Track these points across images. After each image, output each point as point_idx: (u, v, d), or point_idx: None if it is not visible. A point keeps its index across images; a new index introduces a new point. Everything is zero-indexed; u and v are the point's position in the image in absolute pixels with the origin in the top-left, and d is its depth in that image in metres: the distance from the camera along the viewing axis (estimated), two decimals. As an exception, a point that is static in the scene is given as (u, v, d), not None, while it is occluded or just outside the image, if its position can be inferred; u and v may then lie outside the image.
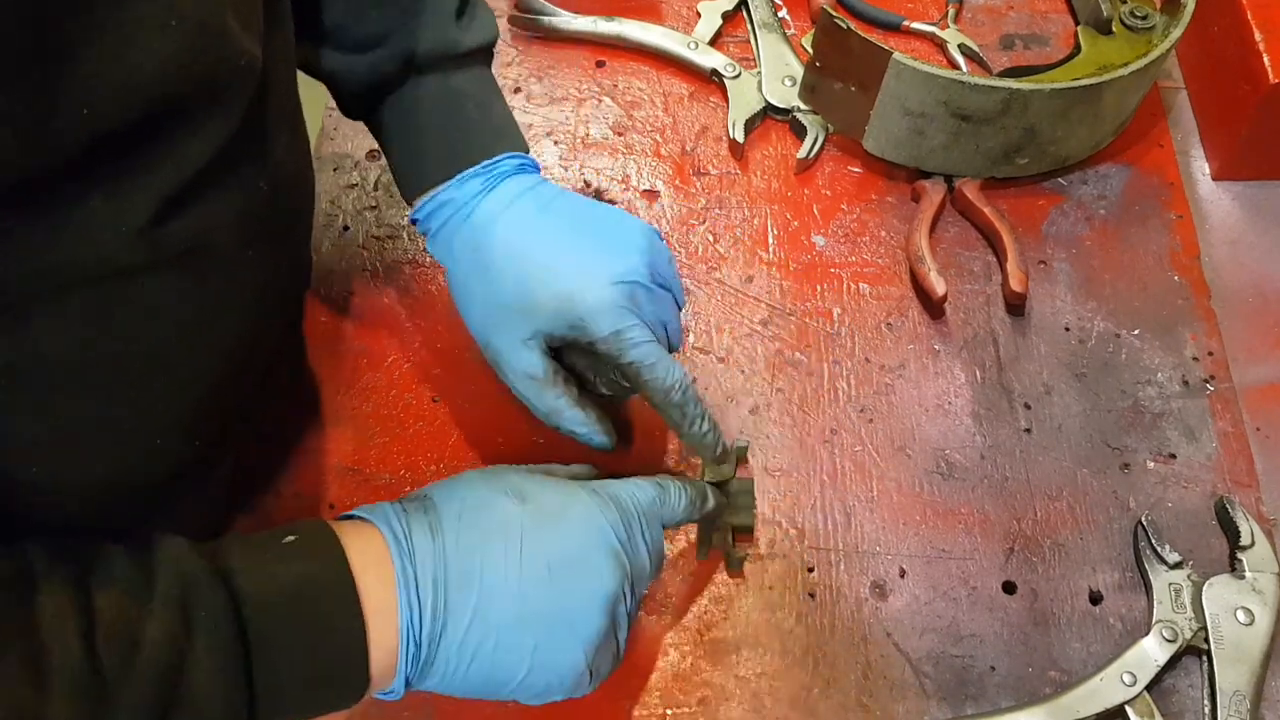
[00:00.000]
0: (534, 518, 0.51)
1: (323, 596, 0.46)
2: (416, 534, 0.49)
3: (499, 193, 0.60)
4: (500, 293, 0.59)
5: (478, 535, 0.50)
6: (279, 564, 0.46)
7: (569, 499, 0.53)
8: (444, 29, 0.60)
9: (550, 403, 0.61)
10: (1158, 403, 0.73)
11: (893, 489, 0.70)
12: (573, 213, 0.61)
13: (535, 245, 0.59)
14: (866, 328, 0.76)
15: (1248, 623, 0.63)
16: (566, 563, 0.50)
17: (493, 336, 0.60)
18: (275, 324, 0.63)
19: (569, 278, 0.58)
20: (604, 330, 0.57)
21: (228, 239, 0.48)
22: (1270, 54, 0.78)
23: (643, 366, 0.58)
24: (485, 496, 0.52)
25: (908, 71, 0.75)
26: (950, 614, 0.66)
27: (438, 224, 0.61)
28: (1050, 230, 0.81)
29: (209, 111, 0.44)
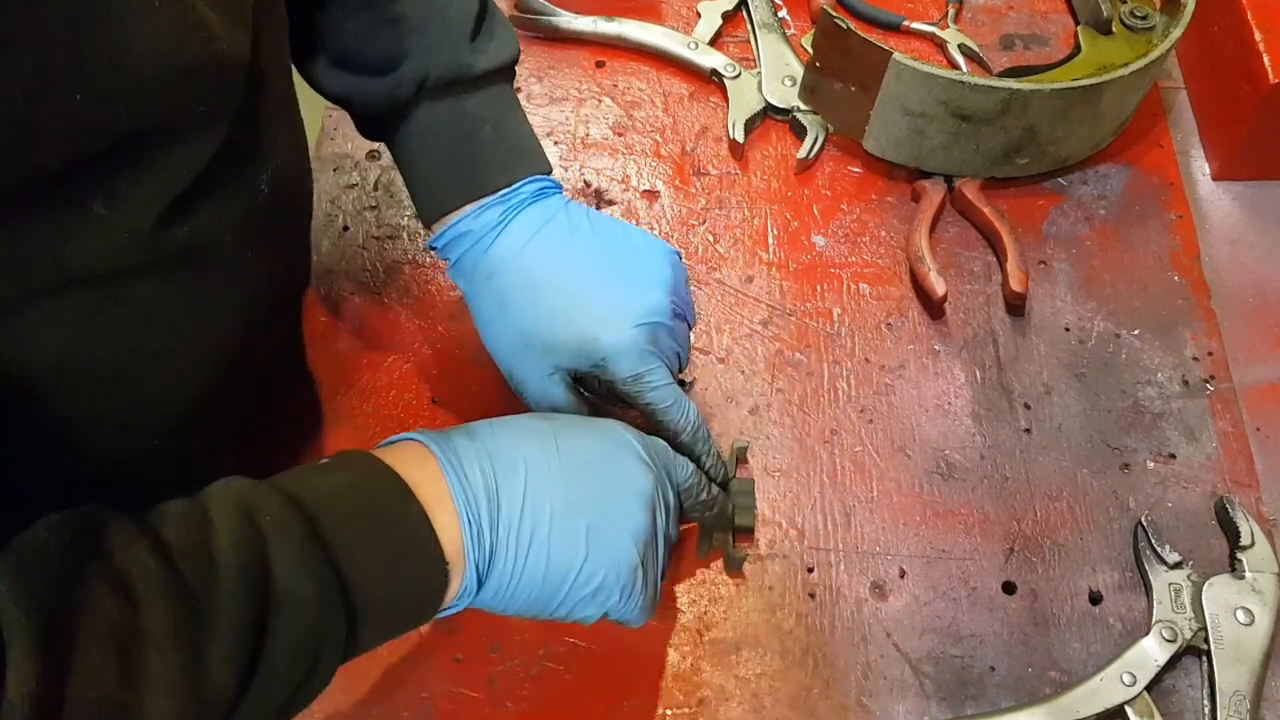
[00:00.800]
0: (564, 424, 0.52)
1: (376, 492, 0.46)
2: (455, 436, 0.49)
3: (518, 224, 0.59)
4: (522, 328, 0.59)
5: (513, 435, 0.50)
6: (323, 475, 0.46)
7: (590, 419, 0.55)
8: (457, 52, 0.58)
9: None
10: (1158, 403, 0.73)
11: (893, 489, 0.70)
12: (594, 243, 0.60)
13: (557, 282, 0.59)
14: (866, 328, 0.76)
15: (1248, 623, 0.63)
16: (602, 458, 0.51)
17: (515, 368, 0.60)
18: (273, 324, 0.63)
19: (592, 318, 0.58)
20: (625, 373, 0.58)
21: (228, 240, 0.48)
22: (1270, 54, 0.78)
23: (659, 409, 0.59)
24: (510, 417, 0.52)
25: (908, 71, 0.75)
26: (950, 614, 0.66)
27: (456, 254, 0.61)
28: (1050, 230, 0.81)
29: (200, 110, 0.44)
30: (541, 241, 0.59)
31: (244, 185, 0.49)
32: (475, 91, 0.60)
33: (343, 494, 0.46)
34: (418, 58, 0.58)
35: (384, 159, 0.84)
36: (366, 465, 0.48)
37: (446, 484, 0.47)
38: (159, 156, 0.42)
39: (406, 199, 0.82)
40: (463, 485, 0.47)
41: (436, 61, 0.58)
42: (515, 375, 0.61)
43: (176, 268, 0.46)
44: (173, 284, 0.46)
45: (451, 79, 0.58)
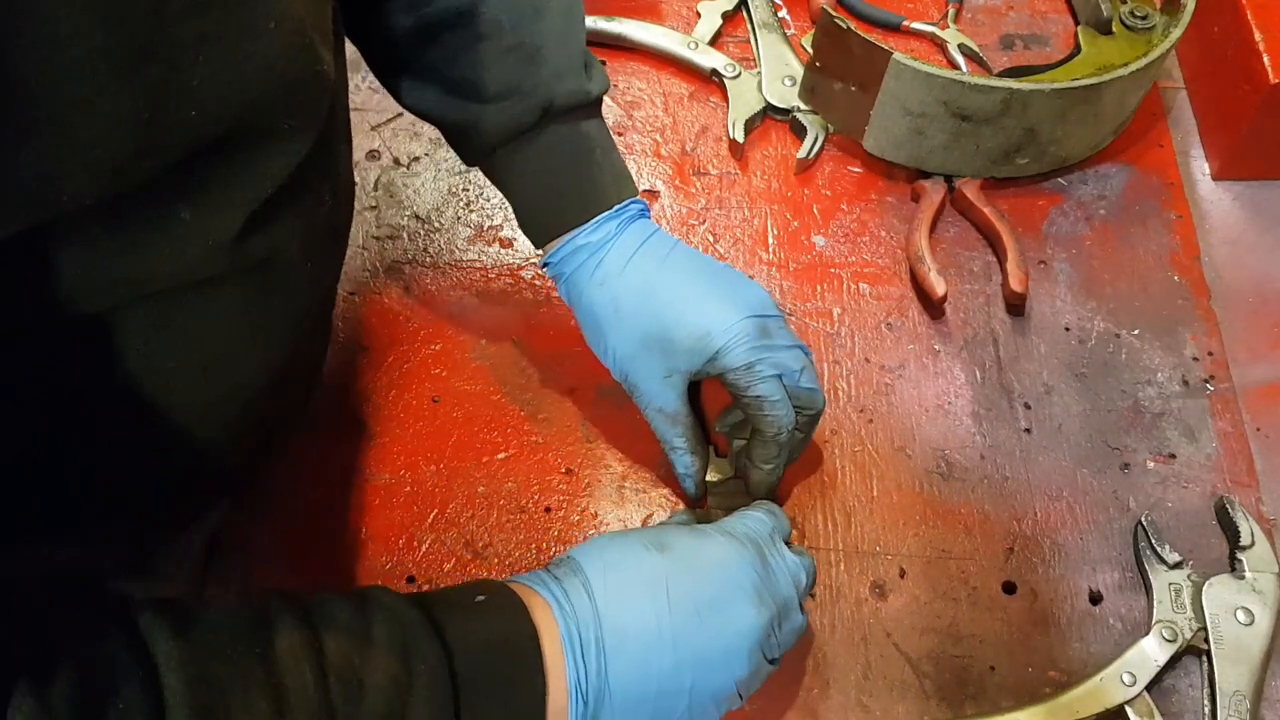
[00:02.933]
0: (676, 564, 0.52)
1: (516, 653, 0.48)
2: (574, 596, 0.50)
3: (629, 235, 0.63)
4: (639, 332, 0.61)
5: (627, 590, 0.51)
6: (478, 620, 0.48)
7: (705, 543, 0.54)
8: (577, 79, 0.61)
9: (672, 439, 0.65)
10: (1158, 403, 0.73)
11: (893, 489, 0.70)
12: (692, 257, 0.64)
13: (668, 286, 0.62)
14: (866, 328, 0.76)
15: (1248, 623, 0.63)
16: (712, 605, 0.52)
17: (631, 372, 0.63)
18: (318, 334, 0.64)
19: (705, 315, 0.61)
20: (736, 363, 0.60)
21: (294, 250, 0.49)
22: (1270, 54, 0.78)
23: (766, 401, 0.61)
24: (626, 550, 0.53)
25: (908, 71, 0.75)
26: (950, 614, 0.66)
27: (572, 267, 0.63)
28: (1050, 230, 0.81)
29: (295, 123, 0.45)
30: (648, 252, 0.62)
31: (313, 198, 0.50)
32: (588, 118, 0.63)
33: (489, 651, 0.48)
34: (542, 85, 0.60)
35: (384, 159, 0.84)
36: (516, 615, 0.49)
37: (563, 654, 0.49)
38: (247, 168, 0.43)
39: (406, 199, 0.83)
40: (575, 662, 0.49)
41: (560, 88, 0.60)
42: (631, 379, 0.63)
43: (247, 278, 0.47)
44: (240, 294, 0.47)
45: (574, 105, 0.61)
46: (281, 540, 0.68)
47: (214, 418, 0.50)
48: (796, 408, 0.62)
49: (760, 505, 0.60)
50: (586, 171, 0.63)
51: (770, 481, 0.66)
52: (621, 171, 0.65)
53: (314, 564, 0.67)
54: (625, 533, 0.56)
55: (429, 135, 0.86)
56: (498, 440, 0.72)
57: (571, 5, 0.62)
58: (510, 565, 0.67)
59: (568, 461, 0.71)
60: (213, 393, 0.49)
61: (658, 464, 0.71)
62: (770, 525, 0.58)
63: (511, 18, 0.59)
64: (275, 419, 0.59)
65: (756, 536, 0.56)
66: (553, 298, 0.78)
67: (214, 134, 0.40)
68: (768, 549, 0.55)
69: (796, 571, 0.56)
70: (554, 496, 0.70)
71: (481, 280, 0.79)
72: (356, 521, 0.69)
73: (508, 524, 0.69)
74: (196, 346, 0.46)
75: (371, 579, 0.67)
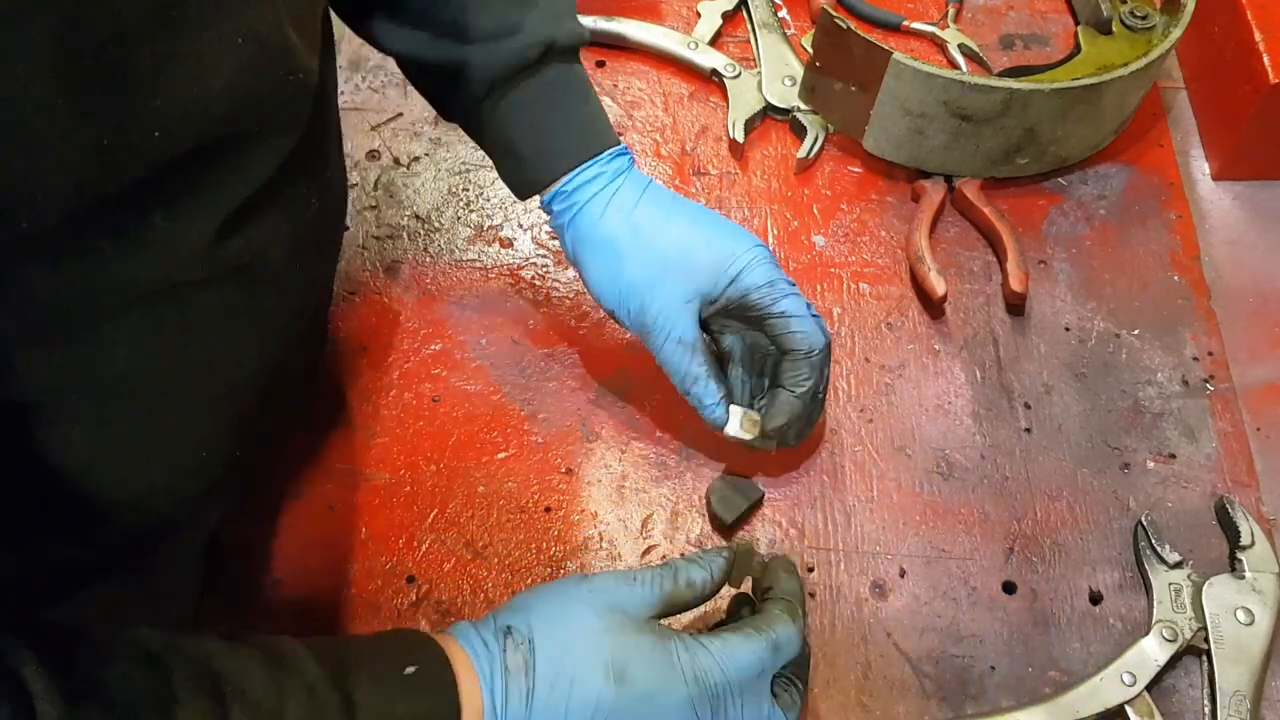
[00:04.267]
0: (627, 705, 0.50)
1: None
2: (512, 702, 0.49)
3: (634, 173, 0.65)
4: (660, 254, 0.63)
5: (564, 715, 0.49)
6: (401, 701, 0.47)
7: (666, 690, 0.51)
8: (572, 21, 0.62)
9: (693, 369, 0.64)
10: (1158, 403, 0.73)
11: (893, 489, 0.70)
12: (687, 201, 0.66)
13: (687, 213, 0.64)
14: (866, 328, 0.76)
15: (1248, 623, 0.63)
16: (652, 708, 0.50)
17: (650, 300, 0.63)
18: (311, 333, 0.64)
19: (724, 240, 0.63)
20: (760, 280, 0.62)
21: (279, 253, 0.49)
22: (1270, 54, 0.78)
23: (792, 318, 0.63)
24: (585, 668, 0.50)
25: (908, 71, 0.75)
26: (950, 614, 0.66)
27: (586, 197, 0.63)
28: (1050, 230, 0.81)
29: (270, 130, 0.45)
30: (655, 188, 0.65)
31: (296, 199, 0.50)
32: (579, 60, 0.64)
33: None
34: (540, 24, 0.60)
35: (384, 159, 0.84)
36: (442, 698, 0.48)
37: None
38: (221, 173, 0.43)
39: (406, 199, 0.83)
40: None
41: (560, 28, 0.61)
42: (648, 309, 0.63)
43: (230, 281, 0.47)
44: (226, 297, 0.47)
45: (573, 44, 0.62)
46: (281, 540, 0.68)
47: (207, 418, 0.50)
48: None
49: (770, 628, 0.54)
50: (589, 109, 0.64)
51: (808, 411, 0.65)
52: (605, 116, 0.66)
53: (314, 564, 0.67)
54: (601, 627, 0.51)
55: (429, 135, 0.86)
56: (498, 440, 0.72)
57: None
58: (510, 565, 0.67)
59: (568, 461, 0.71)
60: (205, 394, 0.49)
61: (658, 464, 0.71)
62: (759, 669, 0.53)
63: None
64: (271, 419, 0.59)
65: (729, 688, 0.52)
66: (553, 298, 0.78)
67: (181, 150, 0.40)
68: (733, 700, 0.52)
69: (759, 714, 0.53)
70: (554, 496, 0.70)
71: (481, 280, 0.79)
72: (356, 521, 0.69)
73: (508, 524, 0.69)
74: (185, 349, 0.46)
75: (371, 579, 0.67)
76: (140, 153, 0.38)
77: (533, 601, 0.53)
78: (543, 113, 0.62)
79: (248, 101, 0.42)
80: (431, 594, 0.66)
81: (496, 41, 0.60)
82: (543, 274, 0.79)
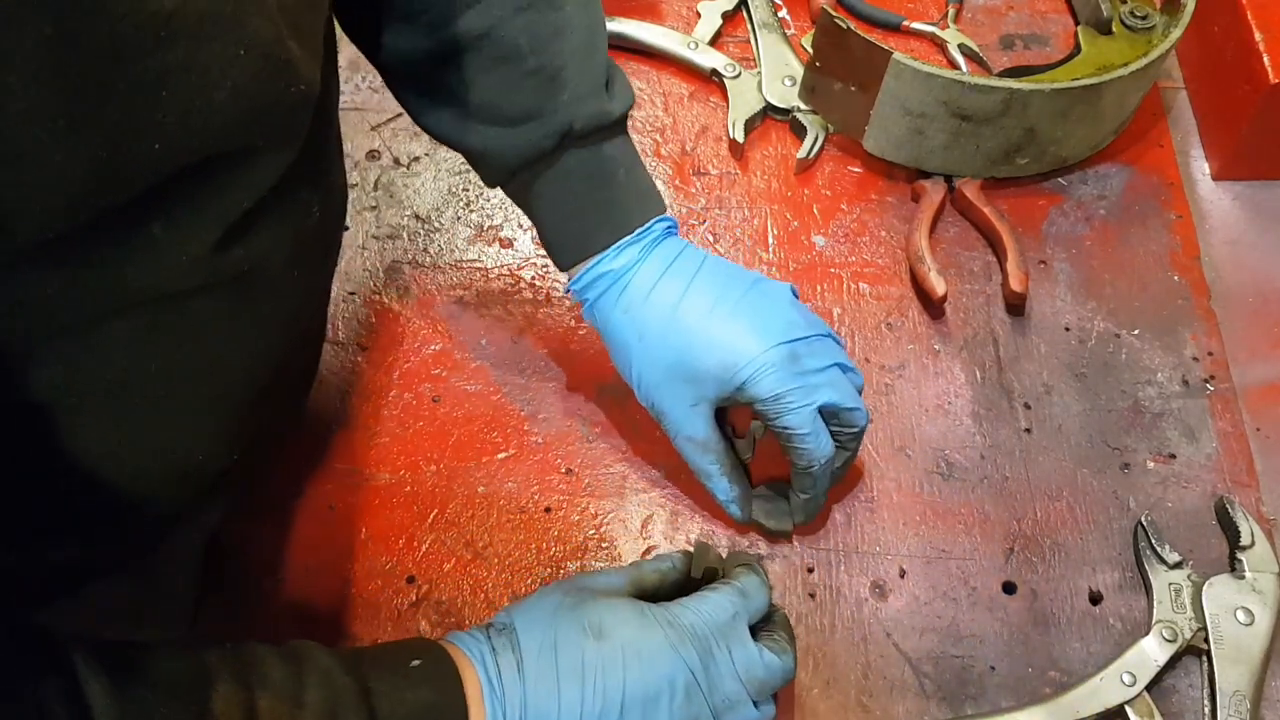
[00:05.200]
0: (610, 655, 0.52)
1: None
2: (505, 674, 0.51)
3: (654, 259, 0.62)
4: (665, 360, 0.61)
5: (555, 676, 0.52)
6: (409, 689, 0.49)
7: (644, 635, 0.53)
8: (598, 100, 0.59)
9: (705, 466, 0.65)
10: (1158, 403, 0.73)
11: (893, 489, 0.70)
12: (720, 277, 0.63)
13: (693, 313, 0.61)
14: (866, 328, 0.76)
15: (1248, 623, 0.63)
16: (636, 703, 0.52)
17: (658, 400, 0.63)
18: (311, 337, 0.64)
19: (731, 343, 0.60)
20: (765, 394, 0.59)
21: (279, 261, 0.49)
22: (1270, 54, 0.78)
23: (796, 434, 0.60)
24: (565, 632, 0.53)
25: (908, 71, 0.75)
26: (950, 614, 0.66)
27: (596, 293, 0.63)
28: (1050, 230, 0.81)
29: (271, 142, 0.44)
30: (673, 277, 0.62)
31: (297, 208, 0.50)
32: (610, 138, 0.61)
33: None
34: (561, 108, 0.58)
35: (384, 159, 0.85)
36: (448, 686, 0.50)
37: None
38: (222, 184, 0.43)
39: (406, 199, 0.83)
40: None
41: (580, 112, 0.59)
42: (658, 407, 0.63)
43: (230, 289, 0.47)
44: (225, 304, 0.47)
45: (594, 128, 0.60)
46: (282, 540, 0.68)
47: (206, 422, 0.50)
48: (836, 428, 0.62)
49: (733, 580, 0.57)
50: (607, 195, 0.62)
51: (810, 510, 0.66)
52: (647, 190, 0.63)
53: (314, 564, 0.67)
54: (574, 601, 0.54)
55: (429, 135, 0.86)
56: (498, 440, 0.72)
57: (593, 22, 0.60)
58: (510, 565, 0.67)
59: (568, 461, 0.71)
60: (204, 398, 0.49)
61: (658, 463, 0.71)
62: (731, 611, 0.55)
63: (531, 40, 0.57)
64: (269, 421, 0.59)
65: (706, 630, 0.54)
66: (553, 298, 0.78)
67: (181, 164, 0.40)
68: (717, 644, 0.54)
69: (750, 667, 0.54)
70: (554, 496, 0.70)
71: (481, 280, 0.79)
72: (356, 521, 0.69)
73: (508, 524, 0.69)
74: (184, 354, 0.46)
75: (371, 579, 0.67)
76: (140, 166, 0.38)
77: (510, 605, 0.58)
78: (557, 204, 0.62)
79: (249, 114, 0.42)
80: (431, 594, 0.66)
81: (514, 128, 0.59)
82: (543, 274, 0.79)
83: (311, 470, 0.70)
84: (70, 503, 0.47)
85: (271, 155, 0.45)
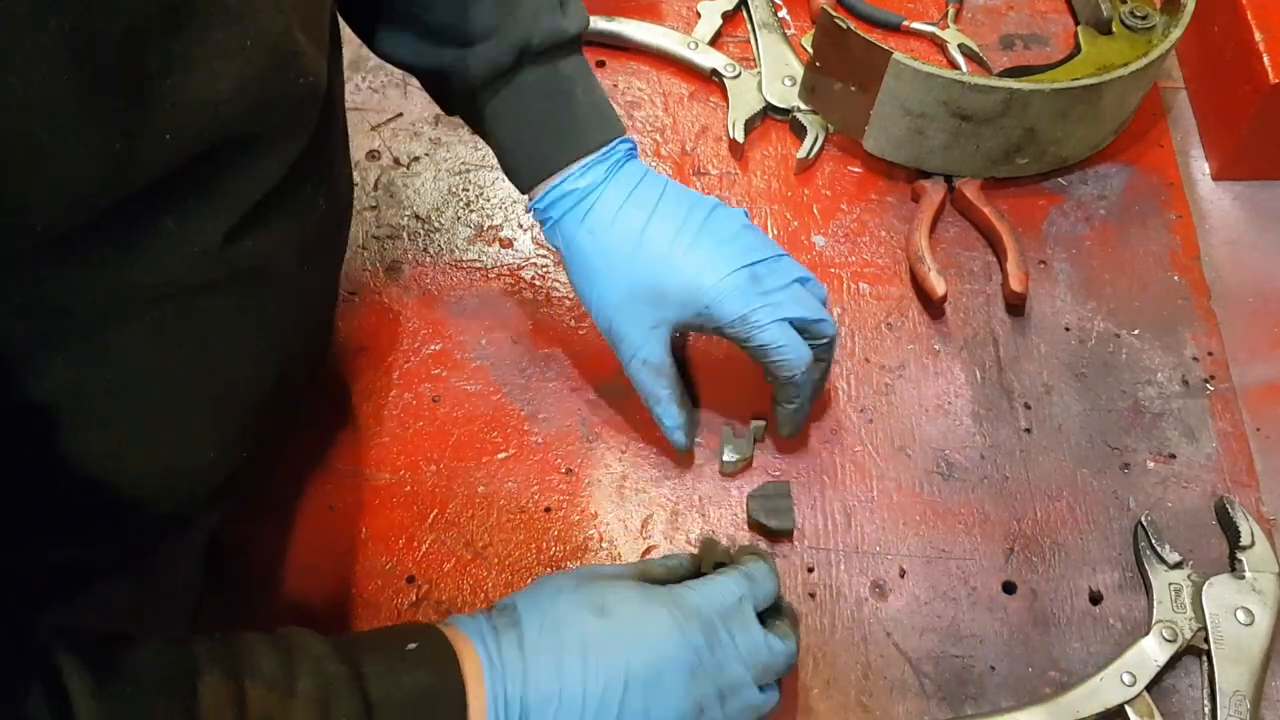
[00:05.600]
0: (613, 632, 0.51)
1: (440, 705, 0.48)
2: (506, 651, 0.50)
3: (619, 180, 0.62)
4: (629, 281, 0.61)
5: (557, 653, 0.51)
6: (405, 672, 0.48)
7: (648, 612, 0.52)
8: (553, 17, 0.60)
9: (656, 391, 0.65)
10: (1158, 403, 0.73)
11: (893, 489, 0.70)
12: (682, 202, 0.63)
13: (658, 236, 0.61)
14: (866, 328, 0.76)
15: (1248, 623, 0.63)
16: (642, 679, 0.51)
17: (618, 322, 0.63)
18: (317, 334, 0.64)
19: (695, 266, 0.61)
20: (730, 316, 0.60)
21: (287, 256, 0.49)
22: (1270, 54, 0.78)
23: (771, 349, 0.61)
24: (568, 610, 0.52)
25: (908, 71, 0.75)
26: (950, 614, 0.66)
27: (560, 212, 0.62)
28: (1050, 230, 0.81)
29: (279, 133, 0.45)
30: (638, 199, 0.62)
31: (304, 202, 0.50)
32: (566, 56, 0.62)
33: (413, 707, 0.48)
34: (517, 25, 0.59)
35: (384, 159, 0.85)
36: (443, 667, 0.49)
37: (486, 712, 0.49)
38: (232, 176, 0.43)
39: (406, 199, 0.83)
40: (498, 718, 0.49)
41: (536, 28, 0.59)
42: (616, 329, 0.63)
43: (239, 284, 0.47)
44: (234, 300, 0.47)
45: (550, 44, 0.60)
46: (282, 540, 0.68)
47: (211, 419, 0.50)
48: (807, 339, 0.62)
49: (741, 565, 0.57)
50: (567, 113, 0.62)
51: (796, 421, 0.66)
52: (605, 111, 0.63)
53: (314, 564, 0.67)
54: (576, 583, 0.54)
55: (429, 135, 0.86)
56: (498, 440, 0.72)
57: None
58: (510, 565, 0.67)
59: (568, 461, 0.71)
60: (209, 394, 0.49)
61: (658, 463, 0.71)
62: (738, 594, 0.55)
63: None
64: (273, 419, 0.59)
65: (711, 611, 0.53)
66: (553, 298, 0.78)
67: (191, 153, 0.40)
68: (721, 625, 0.53)
69: (755, 650, 0.53)
70: (554, 496, 0.70)
71: (481, 280, 0.79)
72: (356, 521, 0.69)
73: (508, 524, 0.69)
74: (192, 350, 0.46)
75: (371, 579, 0.67)
76: (152, 155, 0.38)
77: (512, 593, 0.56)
78: (516, 122, 0.62)
79: (258, 104, 0.42)
80: (431, 594, 0.66)
81: (473, 47, 0.59)
82: (543, 274, 0.79)
83: (311, 470, 0.70)
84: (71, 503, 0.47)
85: (279, 147, 0.45)
